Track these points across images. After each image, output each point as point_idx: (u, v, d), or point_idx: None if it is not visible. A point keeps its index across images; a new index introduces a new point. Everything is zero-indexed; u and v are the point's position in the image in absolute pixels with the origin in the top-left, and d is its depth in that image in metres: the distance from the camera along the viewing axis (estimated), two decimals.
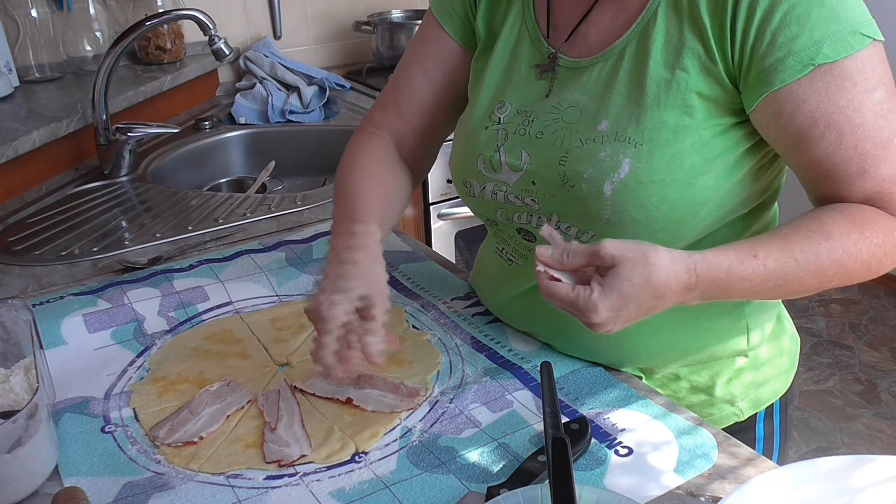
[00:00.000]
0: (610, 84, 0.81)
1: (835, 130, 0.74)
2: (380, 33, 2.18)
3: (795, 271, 0.74)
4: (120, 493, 0.73)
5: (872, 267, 0.76)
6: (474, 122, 0.90)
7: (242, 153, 1.87)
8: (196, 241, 1.25)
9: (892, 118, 0.75)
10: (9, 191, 1.44)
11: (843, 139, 0.74)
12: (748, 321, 0.89)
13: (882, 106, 0.75)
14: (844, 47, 0.73)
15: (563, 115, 0.83)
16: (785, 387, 0.97)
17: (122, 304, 1.02)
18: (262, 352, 0.94)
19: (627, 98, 0.79)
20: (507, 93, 0.88)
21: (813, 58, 0.73)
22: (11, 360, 0.86)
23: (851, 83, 0.74)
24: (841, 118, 0.74)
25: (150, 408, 0.84)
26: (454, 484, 0.73)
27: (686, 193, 0.78)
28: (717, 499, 0.70)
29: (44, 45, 1.81)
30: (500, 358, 0.91)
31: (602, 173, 0.79)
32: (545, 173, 0.83)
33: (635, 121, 0.78)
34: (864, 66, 0.74)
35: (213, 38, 1.51)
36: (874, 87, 0.74)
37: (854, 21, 0.73)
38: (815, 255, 0.73)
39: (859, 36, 0.73)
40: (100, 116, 1.49)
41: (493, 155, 0.87)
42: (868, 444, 2.36)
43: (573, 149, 0.81)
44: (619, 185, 0.78)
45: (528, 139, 0.85)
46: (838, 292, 3.15)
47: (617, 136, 0.79)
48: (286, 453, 0.76)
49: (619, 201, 0.78)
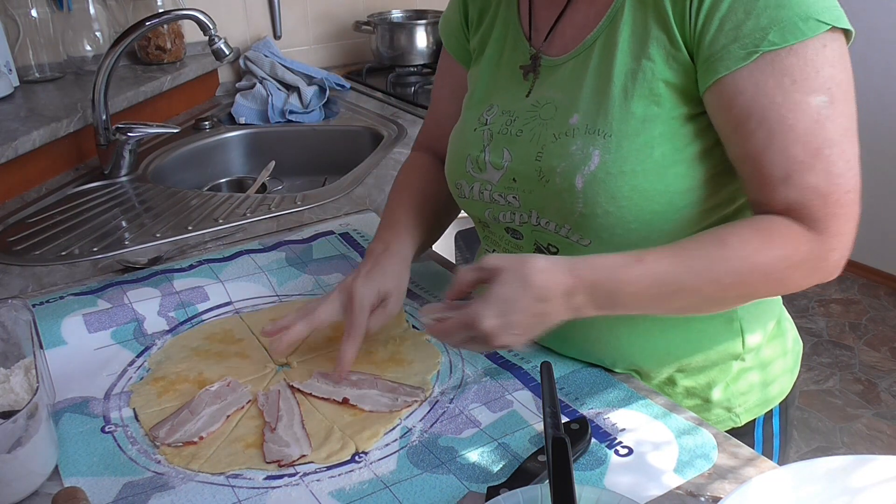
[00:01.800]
0: (580, 78, 0.81)
1: (766, 128, 0.71)
2: (380, 33, 2.18)
3: (687, 278, 0.72)
4: (120, 493, 0.73)
5: (775, 279, 0.74)
6: (465, 126, 0.92)
7: (242, 153, 1.87)
8: (196, 241, 1.25)
9: (830, 127, 0.71)
10: (9, 191, 1.44)
11: (772, 139, 0.71)
12: (742, 324, 0.88)
13: (821, 111, 0.70)
14: (794, 33, 0.69)
15: (540, 112, 0.84)
16: (785, 391, 0.96)
17: (122, 304, 1.02)
18: (262, 352, 0.94)
19: (596, 90, 0.79)
20: (495, 95, 0.91)
21: (757, 45, 0.69)
22: (11, 360, 0.86)
23: (791, 80, 0.70)
24: (773, 116, 0.71)
25: (150, 408, 0.84)
26: (454, 484, 0.73)
27: (658, 183, 0.77)
28: (717, 499, 0.70)
29: (44, 45, 1.81)
30: (500, 358, 0.91)
31: (573, 166, 0.79)
32: (523, 170, 0.84)
33: (604, 112, 0.78)
34: (810, 64, 0.70)
35: (213, 38, 1.51)
36: (816, 88, 0.70)
37: (809, 6, 0.69)
38: (708, 261, 0.72)
39: (813, 22, 0.69)
40: (100, 116, 1.49)
41: (479, 155, 0.89)
42: (868, 444, 2.36)
43: (548, 144, 0.82)
44: (590, 177, 0.78)
45: (509, 137, 0.86)
46: (838, 292, 3.15)
47: (587, 129, 0.79)
48: (286, 453, 0.76)
49: (590, 194, 0.78)
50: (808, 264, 0.74)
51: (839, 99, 0.71)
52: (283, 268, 1.13)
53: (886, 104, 3.01)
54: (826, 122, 0.70)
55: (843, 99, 0.71)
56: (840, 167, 0.71)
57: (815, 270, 0.75)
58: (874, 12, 2.96)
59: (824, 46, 0.70)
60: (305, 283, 1.09)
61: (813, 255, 0.73)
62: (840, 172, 0.71)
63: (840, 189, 0.72)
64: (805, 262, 0.73)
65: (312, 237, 1.22)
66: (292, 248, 1.18)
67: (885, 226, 3.12)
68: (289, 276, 1.11)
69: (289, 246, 1.19)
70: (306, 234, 1.23)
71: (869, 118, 3.06)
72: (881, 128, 3.04)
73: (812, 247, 0.73)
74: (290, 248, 1.18)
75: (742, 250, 0.72)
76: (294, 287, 1.08)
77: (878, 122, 3.05)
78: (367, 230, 1.24)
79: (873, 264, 3.21)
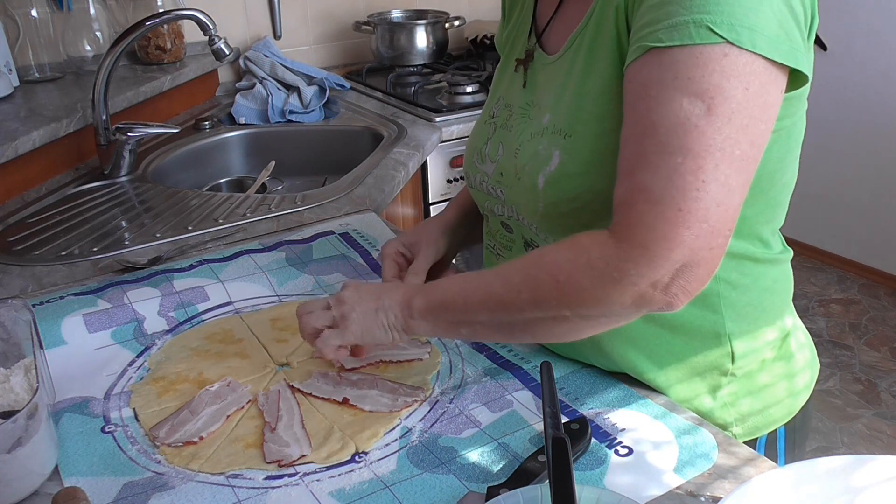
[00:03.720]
0: (556, 78, 0.81)
1: (633, 118, 0.67)
2: (380, 33, 2.18)
3: (487, 276, 0.74)
4: (120, 493, 0.73)
5: (562, 281, 0.68)
6: (480, 118, 0.96)
7: (242, 153, 1.87)
8: (196, 241, 1.25)
9: (695, 136, 0.62)
10: (9, 191, 1.44)
11: (634, 129, 0.66)
12: (731, 339, 0.82)
13: (690, 117, 0.63)
14: (682, 35, 0.63)
15: (530, 111, 0.85)
16: (790, 413, 0.90)
17: (122, 304, 1.02)
18: (262, 352, 0.94)
19: (564, 89, 0.79)
20: (501, 88, 0.93)
21: (645, 39, 0.66)
22: (11, 360, 0.86)
23: (672, 75, 0.64)
24: (642, 107, 0.65)
25: (150, 408, 0.84)
26: (454, 484, 0.73)
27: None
28: (717, 499, 0.70)
29: (44, 45, 1.81)
30: (500, 358, 0.91)
31: (537, 166, 0.79)
32: (507, 165, 0.86)
33: (569, 113, 0.77)
34: (698, 66, 0.63)
35: (213, 38, 1.51)
36: (696, 93, 0.63)
37: (710, 12, 0.63)
38: (509, 264, 0.73)
39: (705, 30, 0.63)
40: (100, 116, 1.49)
41: (483, 147, 0.91)
42: (868, 444, 2.36)
43: (524, 142, 0.83)
44: (550, 177, 0.78)
45: (505, 132, 0.88)
46: (838, 292, 3.15)
47: (553, 129, 0.79)
48: (286, 453, 0.76)
49: (549, 194, 0.78)
50: (596, 270, 0.66)
51: (720, 114, 0.63)
52: (283, 268, 1.13)
53: (886, 104, 3.01)
54: (692, 130, 0.62)
55: (727, 117, 0.63)
56: (686, 182, 0.62)
57: (604, 277, 0.65)
58: (874, 12, 2.96)
59: (725, 56, 0.63)
60: (305, 283, 1.09)
61: (603, 260, 0.65)
62: (683, 187, 0.62)
63: (672, 203, 0.62)
64: (592, 265, 0.66)
65: (312, 237, 1.22)
66: (292, 248, 1.18)
67: (885, 226, 3.12)
68: (289, 276, 1.11)
69: (289, 246, 1.19)
70: (306, 234, 1.23)
71: (869, 118, 3.07)
72: (881, 128, 3.04)
73: (605, 251, 0.66)
74: (290, 248, 1.18)
75: (537, 253, 0.72)
76: (294, 287, 1.08)
77: (878, 122, 3.05)
78: (367, 230, 1.24)
79: (873, 264, 3.21)
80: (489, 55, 2.20)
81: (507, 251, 0.92)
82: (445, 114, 1.84)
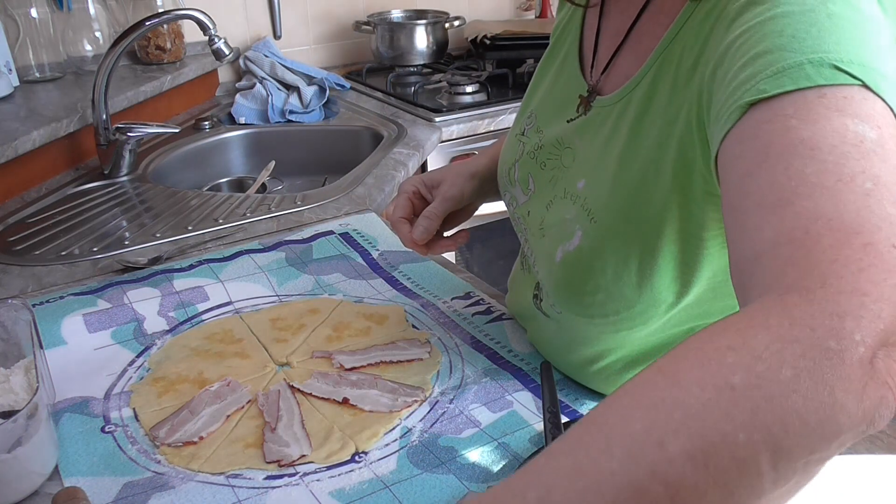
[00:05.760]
0: (602, 131, 0.70)
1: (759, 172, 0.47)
2: (380, 33, 2.18)
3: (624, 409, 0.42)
4: (120, 493, 0.73)
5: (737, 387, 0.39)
6: (514, 126, 0.89)
7: (242, 153, 1.87)
8: (196, 241, 1.25)
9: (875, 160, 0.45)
10: (9, 191, 1.44)
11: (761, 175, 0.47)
12: None
13: (864, 140, 0.46)
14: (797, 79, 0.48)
15: (563, 155, 0.76)
16: None
17: (122, 304, 1.02)
18: (262, 352, 0.94)
19: (605, 157, 0.68)
20: (539, 105, 0.84)
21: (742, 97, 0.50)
22: (11, 360, 0.86)
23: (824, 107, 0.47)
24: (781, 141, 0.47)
25: (150, 408, 0.84)
26: (454, 484, 0.73)
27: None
28: None
29: (44, 45, 1.81)
30: (500, 359, 0.91)
31: (560, 237, 0.73)
32: (535, 210, 0.80)
33: (602, 196, 0.68)
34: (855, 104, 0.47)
35: (212, 38, 1.51)
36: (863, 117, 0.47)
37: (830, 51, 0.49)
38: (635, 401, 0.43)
39: (829, 69, 0.48)
40: (100, 116, 1.49)
41: (511, 169, 0.86)
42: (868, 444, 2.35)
43: (557, 198, 0.75)
44: (566, 256, 0.72)
45: (535, 165, 0.81)
46: None
47: (584, 202, 0.70)
48: (286, 453, 0.76)
49: (564, 271, 0.73)
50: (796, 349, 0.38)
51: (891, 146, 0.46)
52: (283, 268, 1.13)
53: None
54: (871, 155, 0.45)
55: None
56: (887, 212, 0.43)
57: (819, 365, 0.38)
58: None
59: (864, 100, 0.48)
60: (305, 283, 1.09)
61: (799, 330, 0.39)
62: (885, 217, 0.43)
63: (880, 232, 0.42)
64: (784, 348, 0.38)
65: (312, 237, 1.22)
66: (292, 248, 1.18)
67: None
68: (289, 276, 1.11)
69: (289, 246, 1.19)
70: (306, 234, 1.23)
71: None
72: None
73: (797, 314, 0.39)
74: (290, 248, 1.18)
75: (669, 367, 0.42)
76: (294, 287, 1.08)
77: None
78: (367, 230, 1.24)
79: None
80: (489, 55, 2.20)
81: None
82: (445, 114, 1.84)
